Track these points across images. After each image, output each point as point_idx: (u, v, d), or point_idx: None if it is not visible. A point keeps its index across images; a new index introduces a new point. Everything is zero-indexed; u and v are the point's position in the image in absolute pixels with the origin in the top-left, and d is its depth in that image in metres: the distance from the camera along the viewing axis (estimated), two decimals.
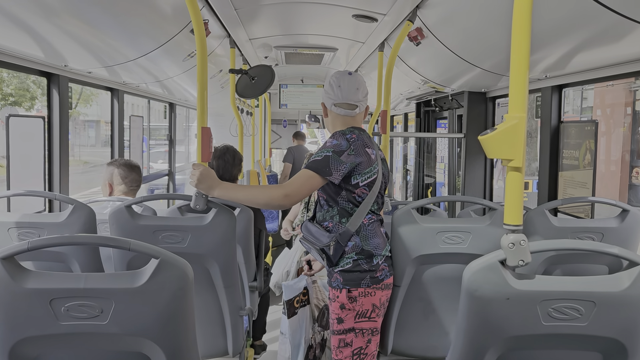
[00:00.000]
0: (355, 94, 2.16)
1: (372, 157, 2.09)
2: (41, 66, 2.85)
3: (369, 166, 2.07)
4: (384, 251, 2.14)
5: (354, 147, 2.06)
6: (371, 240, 2.12)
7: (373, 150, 2.11)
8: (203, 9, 2.72)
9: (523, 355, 1.33)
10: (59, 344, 1.29)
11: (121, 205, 2.06)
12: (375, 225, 2.15)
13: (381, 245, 2.13)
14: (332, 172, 2.02)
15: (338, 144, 2.06)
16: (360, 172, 2.06)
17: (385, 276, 2.12)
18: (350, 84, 2.15)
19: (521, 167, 1.22)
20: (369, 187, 2.09)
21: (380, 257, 2.11)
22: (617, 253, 1.26)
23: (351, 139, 2.07)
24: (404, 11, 2.72)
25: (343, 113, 2.18)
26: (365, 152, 2.07)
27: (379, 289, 2.10)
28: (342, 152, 2.04)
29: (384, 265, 2.12)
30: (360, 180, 2.07)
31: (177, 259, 1.30)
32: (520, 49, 1.19)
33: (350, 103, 2.16)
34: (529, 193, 6.79)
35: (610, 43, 2.04)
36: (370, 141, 2.15)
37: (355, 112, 2.18)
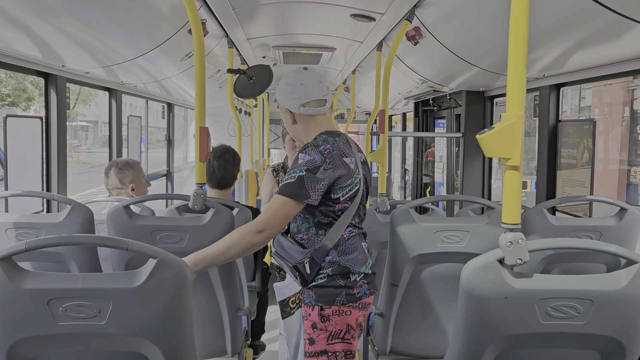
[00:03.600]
0: (320, 87, 1.93)
1: (352, 166, 1.87)
2: (39, 66, 2.84)
3: (349, 178, 1.86)
4: (363, 268, 1.93)
5: (329, 159, 1.81)
6: (349, 255, 1.91)
7: (352, 157, 1.89)
8: (201, 9, 2.72)
9: (521, 354, 1.33)
10: (57, 345, 1.29)
11: (119, 205, 2.05)
12: (355, 240, 1.94)
13: (360, 261, 1.93)
14: (309, 194, 1.78)
15: (311, 159, 1.81)
16: (341, 185, 1.84)
17: (363, 294, 1.92)
18: (312, 78, 1.93)
19: (519, 166, 1.22)
20: (351, 199, 1.89)
21: (359, 275, 1.92)
22: (615, 252, 1.27)
23: (325, 150, 1.83)
24: (401, 11, 2.72)
25: (314, 112, 1.93)
26: (343, 162, 1.84)
27: (355, 307, 1.91)
28: (317, 168, 1.80)
29: (363, 282, 1.92)
30: (341, 195, 1.86)
31: (175, 259, 1.30)
32: (517, 48, 1.19)
33: (319, 99, 1.93)
34: (528, 192, 6.80)
35: (608, 42, 2.04)
36: (348, 146, 1.92)
37: (326, 109, 1.95)
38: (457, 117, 4.45)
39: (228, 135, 6.18)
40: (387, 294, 2.25)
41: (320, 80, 1.95)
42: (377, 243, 2.82)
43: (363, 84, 5.30)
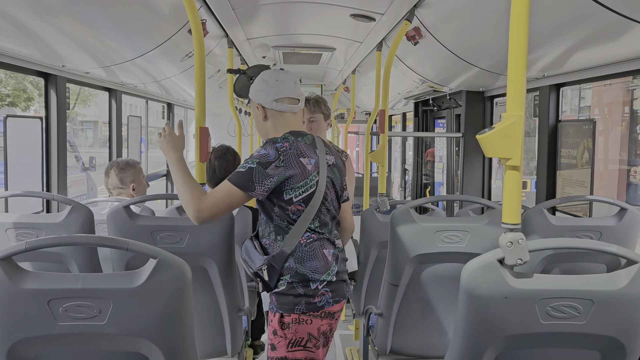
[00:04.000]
0: (296, 87, 1.95)
1: (308, 167, 1.82)
2: (39, 66, 2.84)
3: (303, 179, 1.81)
4: (325, 275, 1.85)
5: (284, 157, 1.79)
6: (307, 262, 1.85)
7: (312, 159, 1.84)
8: (201, 9, 2.72)
9: (521, 354, 1.33)
10: (57, 345, 1.29)
11: (119, 205, 2.05)
12: (314, 246, 1.86)
13: (320, 269, 1.85)
14: (255, 187, 1.77)
15: (265, 154, 1.79)
16: (293, 186, 1.80)
17: (326, 303, 1.85)
18: (287, 77, 1.95)
19: (519, 166, 1.22)
20: (305, 202, 1.83)
21: (320, 282, 1.84)
22: (615, 251, 1.27)
23: (282, 148, 1.81)
24: (401, 11, 2.72)
25: (286, 109, 1.92)
26: (299, 162, 1.81)
27: (317, 316, 1.84)
28: (268, 163, 1.78)
29: (325, 291, 1.85)
30: (293, 196, 1.81)
31: (175, 259, 1.30)
32: (517, 48, 1.19)
33: (292, 97, 1.92)
34: (528, 192, 6.80)
35: (607, 42, 2.04)
36: (310, 147, 1.87)
37: (298, 108, 1.94)
38: (457, 117, 4.45)
39: (228, 136, 6.18)
40: (387, 294, 2.25)
41: (296, 82, 1.97)
42: (377, 243, 2.82)
43: (363, 84, 5.30)
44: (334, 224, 1.97)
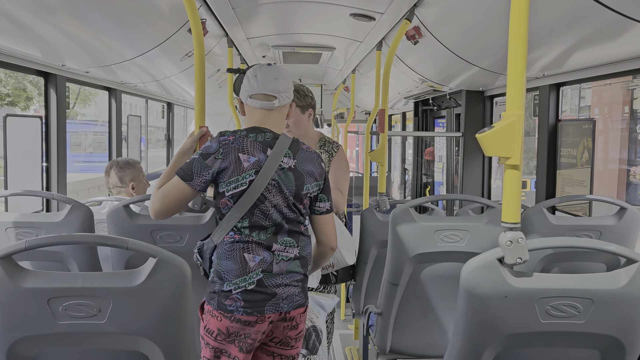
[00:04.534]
0: (274, 83, 1.87)
1: (245, 164, 1.78)
2: (38, 66, 2.84)
3: (235, 175, 1.77)
4: (239, 280, 1.77)
5: (223, 150, 1.78)
6: (223, 261, 1.80)
7: (251, 157, 1.79)
8: (200, 8, 2.72)
9: (521, 353, 1.33)
10: (57, 343, 1.29)
11: (119, 204, 2.05)
12: (235, 247, 1.80)
13: (234, 272, 1.77)
14: (193, 176, 1.77)
15: (209, 146, 1.80)
16: (225, 180, 1.78)
17: (236, 310, 1.76)
18: (267, 73, 1.88)
19: (518, 165, 1.22)
20: (234, 199, 1.79)
21: (234, 285, 1.77)
22: (615, 251, 1.27)
23: (225, 141, 1.80)
24: (401, 10, 2.72)
25: (260, 105, 1.87)
26: (237, 157, 1.78)
27: (226, 318, 1.77)
28: (208, 155, 1.78)
29: (237, 297, 1.76)
30: (225, 190, 1.79)
31: (175, 258, 1.30)
32: (517, 48, 1.19)
33: (266, 94, 1.87)
34: (527, 192, 6.80)
35: (607, 41, 2.04)
36: (260, 146, 1.81)
37: (273, 105, 1.88)
38: (457, 116, 4.45)
39: None
40: (387, 293, 2.25)
41: (277, 77, 1.89)
42: (376, 242, 2.82)
43: (363, 83, 5.30)
44: (281, 227, 1.84)
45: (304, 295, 1.89)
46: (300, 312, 1.89)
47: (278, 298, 1.81)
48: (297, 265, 1.87)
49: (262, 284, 1.79)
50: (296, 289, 1.86)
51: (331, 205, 1.95)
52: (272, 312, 1.81)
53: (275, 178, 1.81)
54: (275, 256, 1.83)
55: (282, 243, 1.84)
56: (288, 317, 1.86)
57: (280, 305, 1.82)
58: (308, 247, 1.93)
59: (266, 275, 1.80)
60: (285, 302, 1.83)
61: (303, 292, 1.89)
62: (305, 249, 1.91)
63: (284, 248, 1.84)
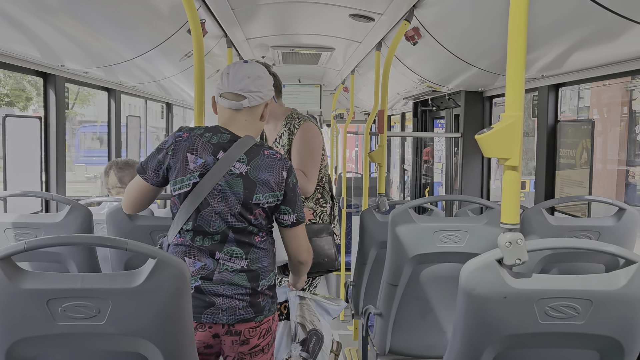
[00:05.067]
0: (244, 82, 1.75)
1: (191, 165, 1.70)
2: (37, 66, 2.84)
3: (181, 175, 1.71)
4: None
5: (174, 146, 1.72)
6: None
7: (199, 159, 1.71)
8: (200, 9, 2.72)
9: (520, 354, 1.33)
10: (56, 345, 1.29)
11: (118, 205, 2.05)
12: (177, 250, 1.76)
13: None
14: (147, 170, 1.75)
15: (165, 141, 1.76)
16: (172, 178, 1.73)
17: None
18: (240, 71, 1.77)
19: (518, 166, 1.22)
20: (179, 199, 1.73)
21: None
22: (614, 252, 1.27)
23: (178, 137, 1.73)
24: (400, 11, 2.72)
25: (227, 105, 1.77)
26: (184, 157, 1.71)
27: None
28: (162, 150, 1.74)
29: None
30: (172, 189, 1.74)
31: (174, 259, 1.30)
32: (516, 48, 1.19)
33: (235, 93, 1.76)
34: (527, 193, 6.80)
35: (606, 42, 2.04)
36: (211, 148, 1.72)
37: (241, 105, 1.76)
38: (456, 117, 4.45)
39: None
40: (386, 294, 2.25)
41: (249, 75, 1.77)
42: (376, 243, 2.82)
43: (362, 84, 5.30)
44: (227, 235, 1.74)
45: (252, 310, 1.76)
46: (248, 326, 1.77)
47: (217, 308, 1.73)
48: (243, 278, 1.75)
49: (200, 290, 1.72)
50: (240, 302, 1.74)
51: (298, 217, 1.82)
52: (209, 321, 1.73)
53: (222, 183, 1.72)
54: (219, 265, 1.74)
55: (227, 252, 1.75)
56: (234, 330, 1.76)
57: (219, 316, 1.73)
58: (262, 260, 1.79)
59: (205, 283, 1.73)
60: (225, 314, 1.73)
61: (251, 306, 1.76)
62: (257, 262, 1.78)
63: (229, 258, 1.75)
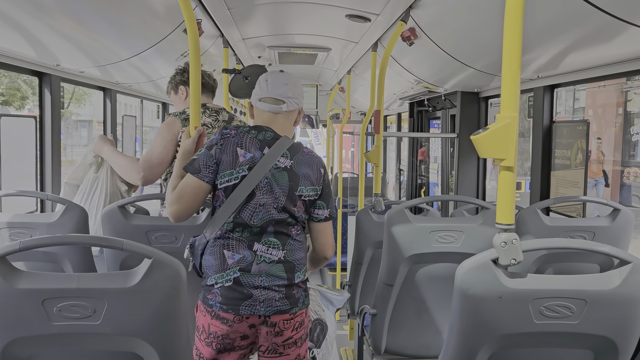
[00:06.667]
0: (283, 88, 1.90)
1: (240, 159, 1.80)
2: (33, 65, 2.83)
3: (230, 168, 1.80)
4: (218, 276, 1.79)
5: (223, 141, 1.82)
6: (206, 256, 1.83)
7: (247, 153, 1.81)
8: (196, 9, 2.71)
9: (515, 354, 1.34)
10: (52, 344, 1.29)
11: (114, 205, 2.05)
12: (216, 243, 1.82)
13: (214, 268, 1.80)
14: (200, 168, 1.80)
15: (213, 138, 1.84)
16: (222, 172, 1.80)
17: (214, 304, 1.78)
18: (278, 78, 1.92)
19: (513, 167, 1.23)
20: (226, 192, 1.80)
21: (215, 281, 1.79)
22: (608, 252, 1.28)
23: (226, 134, 1.83)
24: (397, 11, 2.73)
25: (268, 109, 1.90)
26: (234, 151, 1.81)
27: (209, 312, 1.79)
28: (212, 146, 1.82)
29: (217, 292, 1.78)
30: (219, 182, 1.80)
31: (170, 259, 1.29)
32: (512, 49, 1.19)
33: (275, 98, 1.89)
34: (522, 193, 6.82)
35: (601, 43, 2.05)
36: (258, 144, 1.83)
37: (281, 109, 1.90)
38: (452, 117, 4.46)
39: None
40: (381, 294, 2.25)
41: (287, 83, 1.91)
42: (372, 243, 2.83)
43: (358, 84, 5.30)
44: (267, 227, 1.82)
45: (288, 302, 1.82)
46: (283, 318, 1.82)
47: (255, 300, 1.78)
48: (281, 269, 1.81)
49: (238, 282, 1.78)
50: (277, 294, 1.80)
51: (330, 213, 1.92)
52: (248, 312, 1.78)
53: (268, 177, 1.81)
54: (257, 256, 1.80)
55: (265, 243, 1.82)
56: (269, 322, 1.81)
57: (257, 308, 1.78)
58: (297, 252, 1.86)
59: (243, 275, 1.78)
60: (263, 305, 1.79)
61: (287, 298, 1.82)
62: (293, 254, 1.85)
63: (267, 249, 1.81)
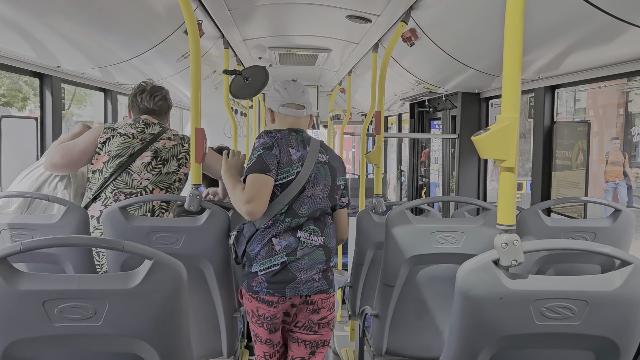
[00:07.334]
0: (302, 95, 2.20)
1: (294, 157, 2.07)
2: (34, 67, 2.83)
3: (287, 166, 2.05)
4: (266, 261, 2.02)
5: (278, 143, 2.06)
6: (253, 245, 2.05)
7: (297, 152, 2.08)
8: (197, 10, 2.71)
9: (516, 355, 1.34)
10: (53, 346, 1.28)
11: (115, 206, 2.05)
12: (266, 232, 2.05)
13: (261, 255, 2.03)
14: (270, 167, 2.01)
15: (264, 141, 2.06)
16: (280, 169, 2.04)
17: (260, 290, 2.02)
18: (296, 87, 2.20)
19: (514, 168, 1.22)
20: (282, 187, 2.04)
21: (260, 267, 2.02)
22: (610, 253, 1.27)
23: (276, 137, 2.08)
24: (397, 12, 2.73)
25: (292, 113, 2.17)
26: (288, 151, 2.07)
27: (254, 298, 2.04)
28: (270, 147, 2.04)
29: (262, 279, 2.02)
30: (277, 179, 2.04)
31: (171, 260, 1.29)
32: (512, 50, 1.19)
33: (298, 104, 2.18)
34: (523, 194, 6.82)
35: (602, 44, 2.05)
36: (301, 143, 2.11)
37: (302, 113, 2.19)
38: (453, 118, 4.46)
39: (224, 136, 6.17)
40: (382, 295, 2.25)
41: (303, 91, 2.21)
42: (372, 244, 2.82)
43: (359, 85, 5.30)
44: (312, 218, 2.09)
45: (326, 282, 2.10)
46: (322, 297, 2.10)
47: (298, 282, 2.04)
48: (321, 253, 2.10)
49: (285, 266, 2.03)
50: (317, 275, 2.08)
51: (348, 200, 2.22)
52: (292, 294, 2.04)
53: (314, 170, 2.09)
54: (300, 242, 2.06)
55: (307, 231, 2.08)
56: (309, 300, 2.07)
57: (300, 289, 2.05)
58: (332, 238, 2.16)
59: (290, 259, 2.04)
60: (305, 287, 2.05)
61: (325, 279, 2.10)
62: (330, 239, 2.14)
63: (309, 236, 2.08)
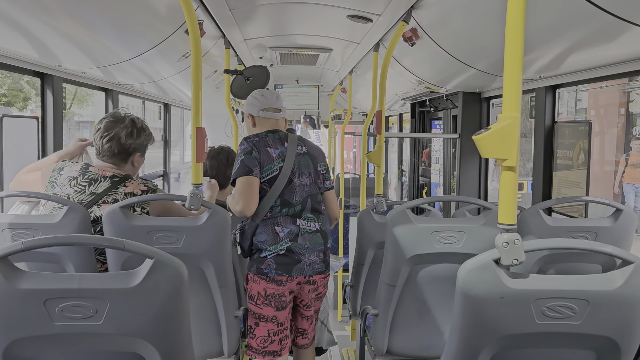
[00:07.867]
0: (277, 100, 2.55)
1: (273, 155, 2.39)
2: (35, 66, 2.83)
3: (268, 164, 2.37)
4: (273, 247, 2.36)
5: (257, 146, 2.39)
6: (259, 236, 2.38)
7: (276, 150, 2.40)
8: (198, 10, 2.71)
9: (517, 354, 1.34)
10: (54, 345, 1.29)
11: (116, 205, 2.05)
12: (267, 223, 2.38)
13: (268, 242, 2.36)
14: (252, 169, 2.33)
15: (245, 147, 2.38)
16: (263, 167, 2.37)
17: (269, 271, 2.36)
18: (271, 94, 2.56)
19: (515, 167, 1.22)
20: (269, 183, 2.37)
21: (269, 252, 2.36)
22: (611, 252, 1.27)
23: (254, 141, 2.40)
24: (398, 12, 2.73)
25: (270, 116, 2.52)
26: (266, 151, 2.39)
27: (263, 279, 2.36)
28: (250, 152, 2.37)
29: (271, 262, 2.36)
30: (261, 177, 2.36)
31: (171, 259, 1.29)
32: (514, 50, 1.19)
33: (275, 107, 2.54)
34: (524, 194, 6.81)
35: (603, 43, 2.05)
36: (279, 141, 2.43)
37: (279, 116, 2.54)
38: (454, 118, 4.46)
39: (225, 136, 6.18)
40: (383, 295, 2.25)
41: (278, 97, 2.57)
42: (373, 243, 2.82)
43: (360, 84, 5.30)
44: (305, 204, 2.43)
45: (324, 265, 2.47)
46: (321, 277, 2.47)
47: (302, 264, 2.39)
48: (319, 237, 2.45)
49: (290, 250, 2.37)
50: (318, 258, 2.43)
51: (332, 183, 2.57)
52: (297, 274, 2.38)
53: (296, 162, 2.42)
54: (300, 229, 2.40)
55: (304, 219, 2.42)
56: (311, 280, 2.43)
57: (304, 270, 2.40)
58: (326, 223, 2.50)
59: (293, 244, 2.38)
60: (309, 268, 2.41)
61: (324, 262, 2.46)
62: (324, 225, 2.48)
63: (307, 223, 2.42)
